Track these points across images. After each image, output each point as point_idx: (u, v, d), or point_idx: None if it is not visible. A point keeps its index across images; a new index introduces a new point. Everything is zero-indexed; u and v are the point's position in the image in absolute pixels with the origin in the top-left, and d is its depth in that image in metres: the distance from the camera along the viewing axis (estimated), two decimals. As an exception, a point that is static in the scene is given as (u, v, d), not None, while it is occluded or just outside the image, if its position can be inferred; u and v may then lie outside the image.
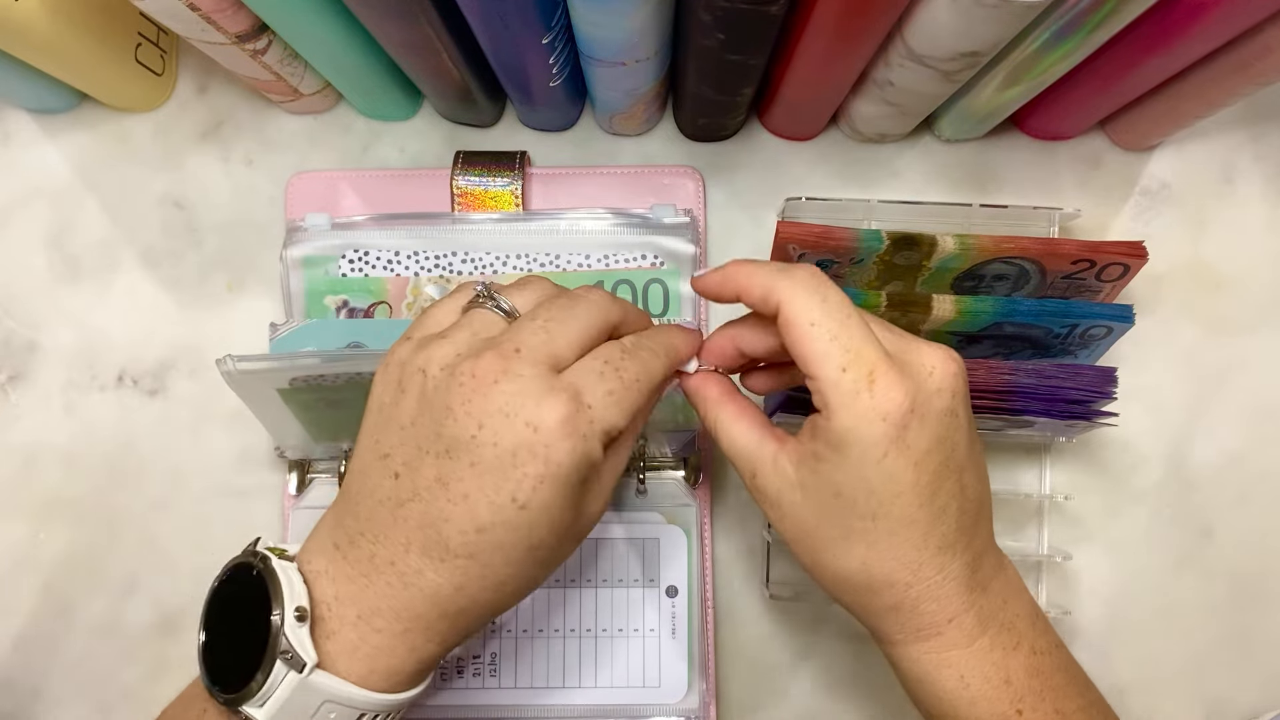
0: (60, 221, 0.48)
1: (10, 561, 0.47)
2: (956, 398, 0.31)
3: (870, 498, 0.30)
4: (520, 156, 0.46)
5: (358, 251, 0.45)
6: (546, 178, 0.47)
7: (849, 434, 0.29)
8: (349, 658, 0.30)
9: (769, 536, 0.46)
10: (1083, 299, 0.43)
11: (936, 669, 0.32)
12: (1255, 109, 0.49)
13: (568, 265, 0.45)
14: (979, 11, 0.32)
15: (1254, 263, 0.48)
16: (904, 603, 0.31)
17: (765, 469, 0.32)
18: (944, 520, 0.31)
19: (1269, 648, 0.47)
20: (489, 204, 0.46)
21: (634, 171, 0.47)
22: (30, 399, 0.47)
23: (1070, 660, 0.34)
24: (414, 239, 0.45)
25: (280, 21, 0.39)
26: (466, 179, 0.46)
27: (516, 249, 0.45)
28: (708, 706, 0.44)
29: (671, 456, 0.45)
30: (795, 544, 0.33)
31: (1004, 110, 0.44)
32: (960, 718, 0.32)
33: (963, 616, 0.32)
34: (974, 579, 0.32)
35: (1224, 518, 0.47)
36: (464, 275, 0.45)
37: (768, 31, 0.36)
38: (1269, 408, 0.48)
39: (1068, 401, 0.39)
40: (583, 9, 0.35)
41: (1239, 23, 0.36)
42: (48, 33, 0.39)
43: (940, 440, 0.30)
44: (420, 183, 0.47)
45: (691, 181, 0.47)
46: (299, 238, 0.45)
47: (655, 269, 0.45)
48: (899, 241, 0.40)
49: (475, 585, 0.30)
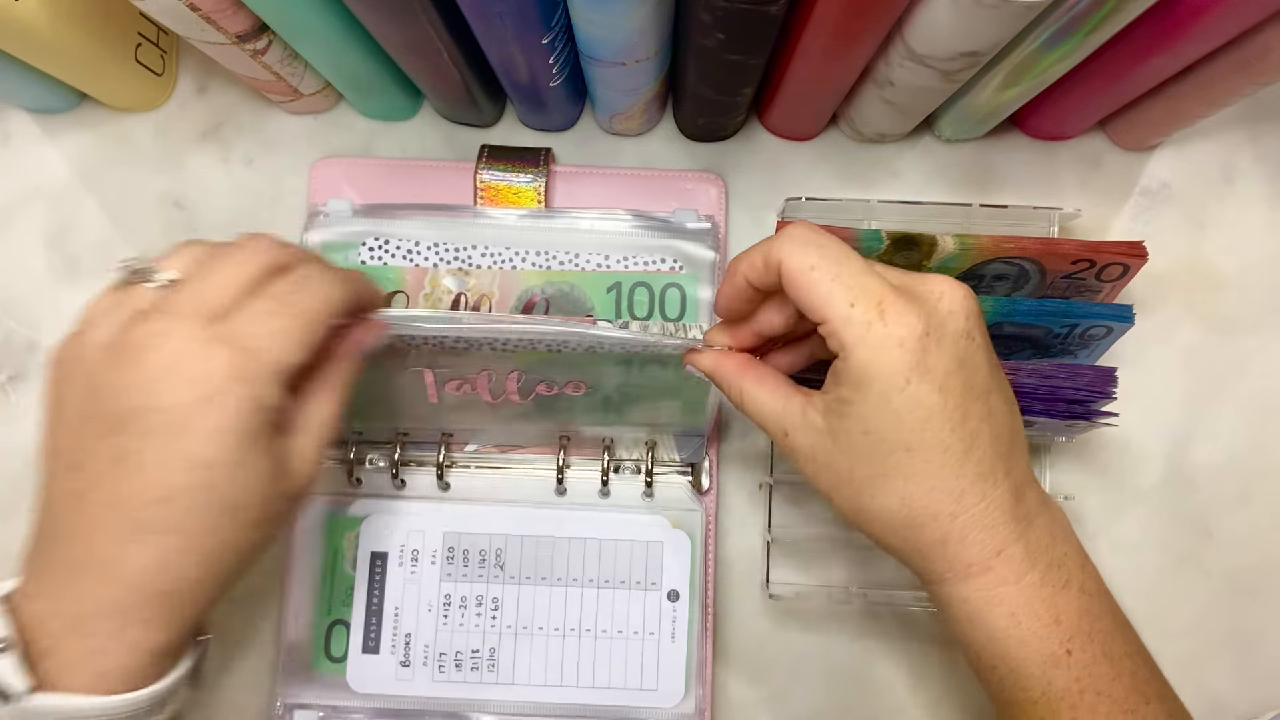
0: (60, 221, 0.48)
1: (11, 562, 0.47)
2: (971, 319, 0.31)
3: (900, 428, 0.30)
4: (545, 153, 0.46)
5: (379, 240, 0.45)
6: (570, 176, 0.47)
7: (869, 368, 0.29)
8: (72, 671, 0.29)
9: (769, 536, 0.46)
10: (1082, 299, 0.43)
11: (987, 606, 0.31)
12: (1255, 109, 0.49)
13: (586, 265, 0.45)
14: (979, 11, 0.32)
15: (1254, 263, 0.48)
16: (950, 534, 0.31)
17: (795, 423, 0.32)
18: (978, 445, 0.30)
19: (1268, 647, 0.47)
20: (512, 199, 0.46)
21: (657, 175, 0.47)
22: (30, 399, 0.47)
23: (1117, 606, 0.33)
24: (435, 229, 0.45)
25: (280, 21, 0.39)
26: (491, 173, 0.46)
27: (536, 245, 0.45)
28: (704, 713, 0.44)
29: (680, 462, 0.45)
30: (835, 494, 0.32)
31: (1004, 110, 0.44)
32: (1010, 658, 0.31)
33: (1011, 548, 0.31)
34: (1018, 509, 0.31)
35: (1224, 517, 0.47)
36: (482, 268, 0.45)
37: (768, 31, 0.36)
38: (1269, 408, 0.48)
39: (1068, 401, 0.40)
40: (583, 9, 0.35)
41: (1239, 23, 0.36)
42: (48, 33, 0.39)
43: (961, 362, 0.30)
44: (445, 174, 0.47)
45: (714, 188, 0.47)
46: (320, 223, 0.45)
47: (674, 273, 0.45)
48: (899, 241, 0.40)
49: (180, 560, 0.29)
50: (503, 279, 0.45)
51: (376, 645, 0.43)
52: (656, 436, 0.45)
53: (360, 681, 0.43)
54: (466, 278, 0.45)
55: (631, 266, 0.45)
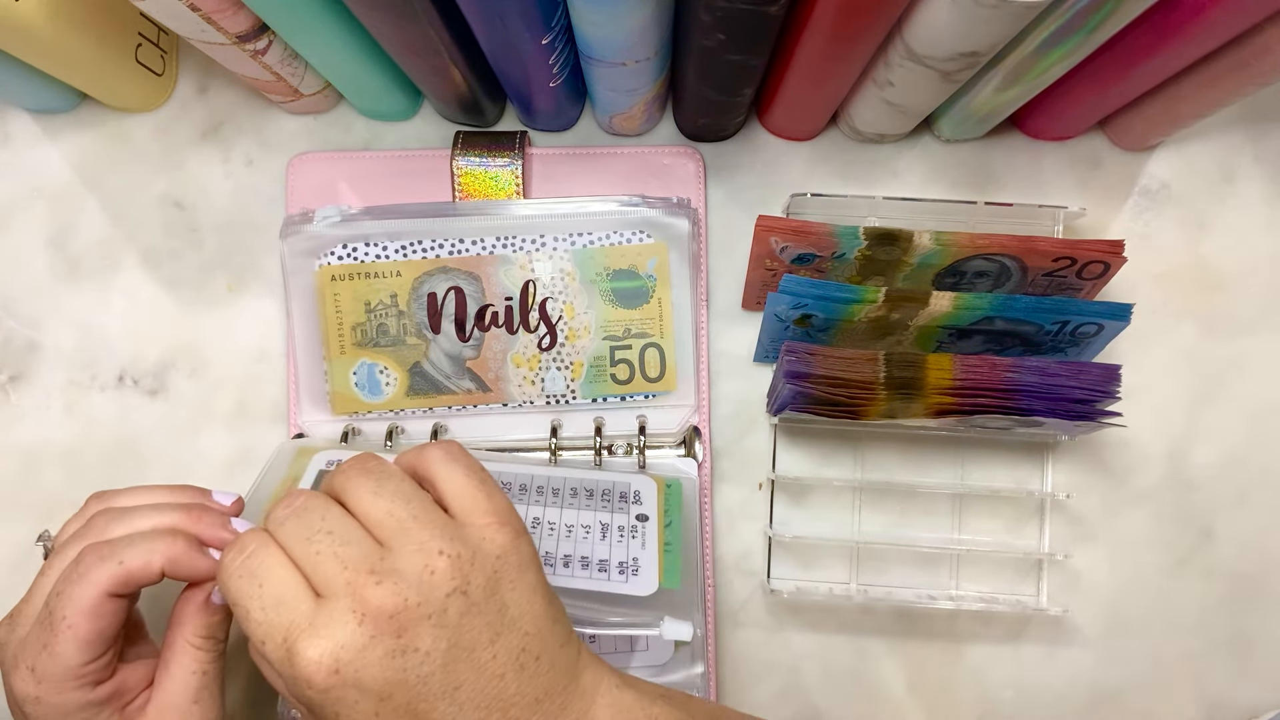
0: (60, 221, 0.48)
1: (11, 562, 0.47)
2: (405, 628, 0.28)
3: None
4: (520, 137, 0.46)
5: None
6: (547, 158, 0.47)
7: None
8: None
9: (770, 532, 0.46)
10: (1064, 296, 0.43)
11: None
12: (1255, 109, 0.49)
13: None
14: (979, 11, 0.32)
15: (1254, 263, 0.48)
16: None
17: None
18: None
19: (1268, 648, 0.47)
20: (489, 185, 0.46)
21: (634, 152, 0.48)
22: (30, 399, 0.47)
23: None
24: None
25: (280, 22, 0.39)
26: (467, 160, 0.46)
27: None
28: (708, 680, 0.44)
29: (673, 438, 0.46)
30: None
31: (1004, 110, 0.44)
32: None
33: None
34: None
35: (1224, 518, 0.47)
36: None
37: (768, 31, 0.36)
38: (1269, 408, 0.48)
39: (1073, 401, 0.39)
40: (583, 9, 0.35)
41: (1238, 23, 0.36)
42: (48, 33, 0.39)
43: (394, 684, 0.27)
44: (422, 163, 0.47)
45: (692, 162, 0.47)
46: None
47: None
48: (878, 238, 0.40)
49: None
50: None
51: None
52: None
53: None
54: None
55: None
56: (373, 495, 0.30)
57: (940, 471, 0.47)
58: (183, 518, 0.34)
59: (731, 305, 0.48)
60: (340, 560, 0.28)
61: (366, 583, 0.28)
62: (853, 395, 0.40)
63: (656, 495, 0.43)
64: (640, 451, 0.45)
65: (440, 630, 0.28)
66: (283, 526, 0.30)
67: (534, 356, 0.45)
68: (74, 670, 0.31)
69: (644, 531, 0.42)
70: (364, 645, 0.27)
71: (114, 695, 0.33)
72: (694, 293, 0.46)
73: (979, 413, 0.40)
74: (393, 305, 0.45)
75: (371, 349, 0.45)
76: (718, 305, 0.48)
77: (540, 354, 0.45)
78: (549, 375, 0.46)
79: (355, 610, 0.27)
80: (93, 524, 0.34)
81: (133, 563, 0.32)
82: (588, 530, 0.41)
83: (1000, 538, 0.47)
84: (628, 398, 0.46)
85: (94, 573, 0.32)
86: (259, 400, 0.47)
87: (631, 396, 0.46)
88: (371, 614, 0.27)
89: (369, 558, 0.28)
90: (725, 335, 0.48)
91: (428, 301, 0.45)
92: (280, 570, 0.28)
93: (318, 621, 0.27)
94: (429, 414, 0.46)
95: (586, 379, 0.46)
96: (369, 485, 0.30)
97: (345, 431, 0.45)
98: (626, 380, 0.46)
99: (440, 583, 0.28)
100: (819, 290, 0.40)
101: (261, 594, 0.28)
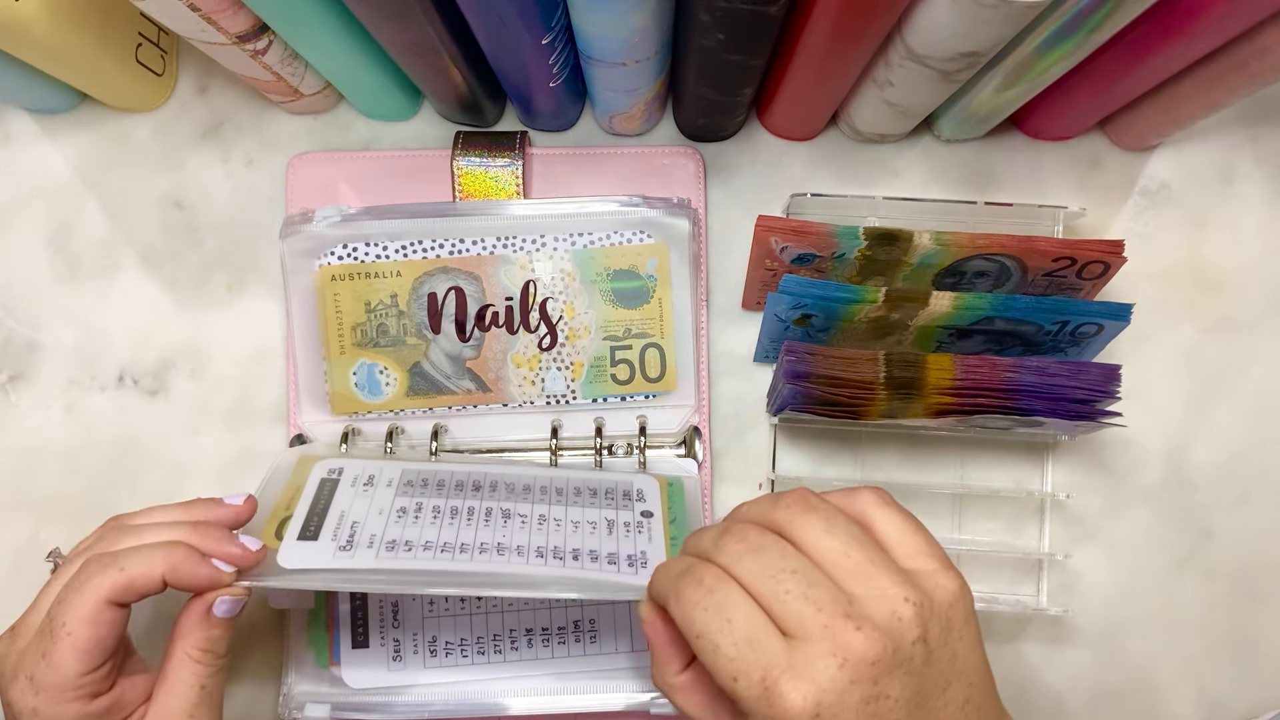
0: (60, 221, 0.48)
1: (11, 561, 0.47)
2: (880, 680, 0.27)
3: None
4: (520, 137, 0.47)
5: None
6: (547, 158, 0.47)
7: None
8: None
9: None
10: (1064, 296, 0.43)
11: None
12: (1255, 109, 0.49)
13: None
14: (979, 11, 0.32)
15: (1254, 263, 0.48)
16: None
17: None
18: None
19: (1268, 648, 0.47)
20: (489, 185, 0.46)
21: (634, 152, 0.48)
22: (30, 399, 0.47)
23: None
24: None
25: (280, 22, 0.39)
26: (467, 160, 0.46)
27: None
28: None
29: (673, 439, 0.46)
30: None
31: (1004, 110, 0.44)
32: None
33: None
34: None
35: (1224, 518, 0.47)
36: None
37: (768, 31, 0.36)
38: (1269, 407, 0.48)
39: (1073, 401, 0.39)
40: (583, 9, 0.35)
41: (1238, 23, 0.36)
42: (48, 33, 0.39)
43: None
44: (422, 163, 0.47)
45: (691, 162, 0.47)
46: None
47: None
48: (878, 237, 0.40)
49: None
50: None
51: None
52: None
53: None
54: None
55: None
56: (827, 535, 0.29)
57: (940, 471, 0.47)
58: (189, 532, 0.34)
59: (731, 305, 0.48)
60: (812, 602, 0.28)
61: (845, 627, 0.27)
62: (853, 395, 0.40)
63: (660, 493, 0.43)
64: (641, 451, 0.45)
65: (909, 678, 0.28)
66: (740, 563, 0.29)
67: (534, 357, 0.45)
68: (72, 681, 0.32)
69: (650, 527, 0.41)
70: (844, 689, 0.27)
71: (111, 709, 0.33)
72: (694, 293, 0.46)
73: (979, 413, 0.40)
74: (393, 305, 0.45)
75: (371, 349, 0.45)
76: (718, 305, 0.48)
77: (540, 354, 0.45)
78: (549, 375, 0.46)
79: (835, 654, 0.27)
80: (101, 538, 0.35)
81: (134, 570, 0.32)
82: (594, 526, 0.41)
83: (1000, 538, 0.47)
84: (628, 398, 0.46)
85: (95, 580, 0.32)
86: (259, 400, 0.47)
87: (632, 397, 0.46)
88: (854, 660, 0.27)
89: (839, 601, 0.28)
90: (725, 335, 0.48)
91: (428, 301, 0.45)
92: (746, 607, 0.28)
93: (797, 662, 0.27)
94: (429, 414, 0.46)
95: (587, 379, 0.46)
96: (819, 524, 0.30)
97: (345, 432, 0.45)
98: (627, 380, 0.46)
99: (907, 630, 0.28)
100: (819, 290, 0.40)
101: (732, 630, 0.28)
